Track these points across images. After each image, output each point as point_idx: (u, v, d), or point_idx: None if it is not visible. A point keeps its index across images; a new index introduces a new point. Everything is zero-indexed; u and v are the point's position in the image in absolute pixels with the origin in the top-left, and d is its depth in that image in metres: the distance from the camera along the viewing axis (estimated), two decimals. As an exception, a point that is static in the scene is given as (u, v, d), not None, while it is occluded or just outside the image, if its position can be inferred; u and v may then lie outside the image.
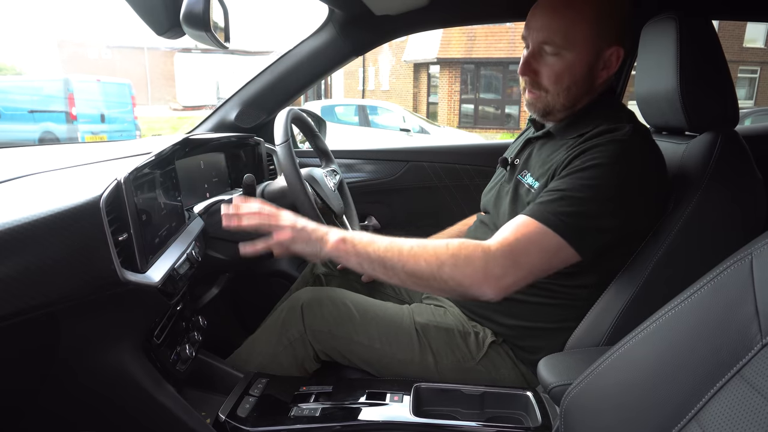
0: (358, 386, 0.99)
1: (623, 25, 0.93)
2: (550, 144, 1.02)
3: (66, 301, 0.65)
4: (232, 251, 1.13)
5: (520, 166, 1.06)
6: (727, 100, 0.94)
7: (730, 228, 0.91)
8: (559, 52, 0.91)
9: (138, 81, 14.16)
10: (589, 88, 0.96)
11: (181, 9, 0.76)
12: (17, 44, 22.96)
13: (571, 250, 0.83)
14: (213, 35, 0.81)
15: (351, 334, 1.04)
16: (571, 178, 0.86)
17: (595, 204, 0.83)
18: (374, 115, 9.48)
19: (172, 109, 16.71)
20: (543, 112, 0.99)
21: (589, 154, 0.87)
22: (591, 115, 0.97)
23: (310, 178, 1.13)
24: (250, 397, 0.96)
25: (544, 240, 0.82)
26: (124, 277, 0.69)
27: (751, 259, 0.57)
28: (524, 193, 0.99)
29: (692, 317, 0.61)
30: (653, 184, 0.89)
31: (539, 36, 0.92)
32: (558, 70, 0.92)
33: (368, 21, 1.37)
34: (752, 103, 13.99)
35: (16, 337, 0.64)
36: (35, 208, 0.64)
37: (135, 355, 0.79)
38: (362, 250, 0.86)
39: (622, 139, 0.87)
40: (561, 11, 0.90)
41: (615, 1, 0.92)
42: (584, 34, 0.90)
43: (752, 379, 0.51)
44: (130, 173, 0.77)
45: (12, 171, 0.79)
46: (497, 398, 0.96)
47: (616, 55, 0.93)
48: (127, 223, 0.73)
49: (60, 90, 7.94)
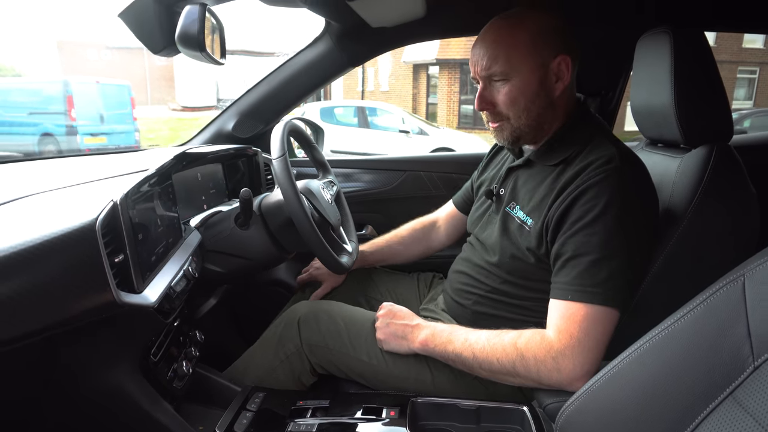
0: (354, 401, 0.99)
1: (560, 36, 0.95)
2: (533, 172, 1.03)
3: (62, 325, 0.64)
4: (230, 264, 1.14)
5: (507, 197, 1.06)
6: (721, 115, 0.94)
7: (724, 242, 0.91)
8: (506, 78, 0.94)
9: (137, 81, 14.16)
10: (548, 103, 0.97)
11: (176, 30, 0.76)
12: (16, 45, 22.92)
13: (617, 312, 0.86)
14: (208, 54, 0.81)
15: (347, 349, 1.05)
16: (583, 235, 0.86)
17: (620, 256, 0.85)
18: (373, 116, 9.47)
19: (172, 109, 16.72)
20: (513, 139, 1.01)
21: (587, 201, 0.87)
22: (567, 138, 0.98)
23: (306, 192, 1.13)
24: (247, 412, 0.96)
25: (597, 316, 0.84)
26: (121, 300, 0.69)
27: (743, 280, 0.57)
28: (516, 229, 1.00)
29: (685, 338, 0.61)
30: (652, 208, 0.91)
31: (483, 70, 0.96)
32: (511, 96, 0.95)
33: (364, 33, 1.38)
34: (751, 103, 13.99)
35: (11, 363, 0.64)
36: (31, 233, 0.64)
37: (132, 375, 0.79)
38: (442, 350, 0.95)
39: (614, 172, 0.87)
40: (497, 42, 0.94)
41: (543, 18, 0.95)
42: (523, 55, 0.93)
43: (744, 402, 0.51)
44: (126, 193, 0.77)
45: (9, 192, 0.79)
46: (493, 413, 0.97)
47: (565, 64, 0.95)
48: (123, 244, 0.73)
49: (59, 92, 7.94)
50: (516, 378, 0.88)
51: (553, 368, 0.84)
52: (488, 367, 0.89)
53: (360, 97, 14.07)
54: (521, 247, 0.98)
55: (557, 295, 0.89)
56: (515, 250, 0.99)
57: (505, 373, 0.88)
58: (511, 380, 0.89)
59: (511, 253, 1.00)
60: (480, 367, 0.90)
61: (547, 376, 0.85)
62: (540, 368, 0.84)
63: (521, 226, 0.99)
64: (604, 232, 0.85)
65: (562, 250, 0.89)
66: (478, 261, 1.10)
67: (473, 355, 0.90)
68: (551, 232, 0.91)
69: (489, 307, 1.05)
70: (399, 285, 1.39)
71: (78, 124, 7.98)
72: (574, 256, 0.87)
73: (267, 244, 1.13)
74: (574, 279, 0.86)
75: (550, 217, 0.91)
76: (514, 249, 1.00)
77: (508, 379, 0.90)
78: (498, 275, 1.04)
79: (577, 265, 0.86)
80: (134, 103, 8.84)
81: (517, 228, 1.00)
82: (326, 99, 13.91)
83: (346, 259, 1.14)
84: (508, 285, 1.03)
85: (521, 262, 0.99)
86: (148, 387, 0.83)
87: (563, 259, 0.88)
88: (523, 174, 1.05)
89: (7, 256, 0.60)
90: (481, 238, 1.12)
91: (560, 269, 0.89)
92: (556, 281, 0.90)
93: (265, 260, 1.17)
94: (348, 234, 1.32)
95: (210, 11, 0.82)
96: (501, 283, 1.04)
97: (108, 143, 8.30)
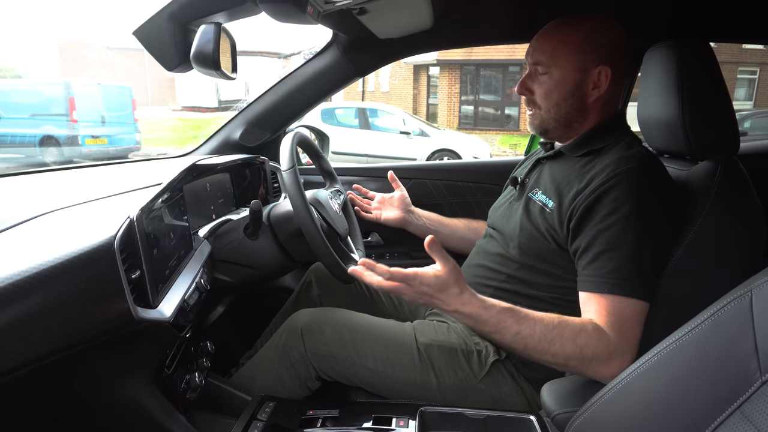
0: (364, 411, 1.00)
1: (610, 47, 0.99)
2: (559, 162, 1.07)
3: (81, 344, 0.65)
4: (240, 274, 1.15)
5: (531, 185, 1.10)
6: (727, 128, 0.95)
7: (730, 255, 0.92)
8: (548, 71, 1.01)
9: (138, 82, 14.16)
10: (580, 106, 1.01)
11: (192, 48, 0.77)
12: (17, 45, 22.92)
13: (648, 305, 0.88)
14: (222, 72, 0.82)
15: (352, 357, 1.06)
16: (617, 230, 0.88)
17: (650, 251, 0.87)
18: (374, 117, 9.47)
19: (172, 110, 16.72)
20: (540, 129, 1.07)
21: (620, 195, 0.89)
22: (598, 135, 1.02)
23: (315, 202, 1.14)
24: (258, 422, 0.97)
25: (641, 311, 0.87)
26: (138, 315, 0.70)
27: (750, 296, 0.58)
28: (536, 211, 1.03)
29: (693, 352, 0.62)
30: (676, 207, 0.93)
31: (532, 58, 1.04)
32: (547, 88, 1.02)
33: (372, 44, 1.39)
34: (752, 104, 13.98)
35: (31, 381, 0.65)
36: (49, 252, 0.65)
37: (147, 388, 0.80)
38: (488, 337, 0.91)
39: (646, 169, 0.91)
40: (550, 35, 1.02)
41: (601, 26, 1.00)
42: (568, 53, 0.99)
43: (752, 416, 0.53)
44: (142, 209, 0.78)
45: (24, 210, 0.80)
46: (501, 422, 0.98)
47: (605, 74, 0.99)
48: (139, 260, 0.74)
49: (61, 93, 7.97)
50: (563, 367, 0.88)
51: (605, 363, 0.85)
52: (539, 358, 0.87)
53: (360, 98, 14.06)
54: (541, 228, 1.00)
55: (593, 288, 0.89)
56: (534, 230, 1.02)
57: (555, 364, 0.88)
58: (557, 367, 0.89)
59: (529, 233, 1.03)
60: (529, 356, 0.88)
61: (595, 368, 0.86)
62: (593, 364, 0.85)
63: (542, 209, 1.01)
64: (638, 227, 0.87)
65: (593, 242, 0.90)
66: (494, 250, 1.12)
67: (525, 348, 0.87)
68: (576, 219, 0.93)
69: (505, 300, 1.06)
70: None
71: (79, 126, 7.99)
72: (607, 249, 0.88)
73: (276, 254, 1.15)
74: (611, 272, 0.87)
75: (577, 205, 0.93)
76: (533, 230, 1.02)
77: (554, 366, 0.89)
78: (514, 260, 1.06)
79: (612, 259, 0.88)
80: (135, 104, 8.85)
81: (539, 210, 1.02)
82: (327, 100, 13.88)
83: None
84: (524, 271, 1.04)
85: (539, 243, 1.01)
86: (163, 399, 0.84)
87: (595, 251, 0.90)
88: (551, 164, 1.09)
89: (27, 276, 0.61)
90: (500, 228, 1.14)
91: (591, 261, 0.90)
92: (589, 274, 0.91)
93: (274, 270, 1.19)
94: (355, 243, 1.33)
95: (224, 29, 0.84)
96: (517, 270, 1.05)
97: (109, 145, 8.31)
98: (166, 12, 0.85)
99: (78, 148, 8.01)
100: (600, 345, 0.85)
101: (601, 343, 0.85)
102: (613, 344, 0.85)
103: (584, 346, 0.85)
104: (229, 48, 0.94)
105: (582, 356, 0.85)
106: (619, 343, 0.85)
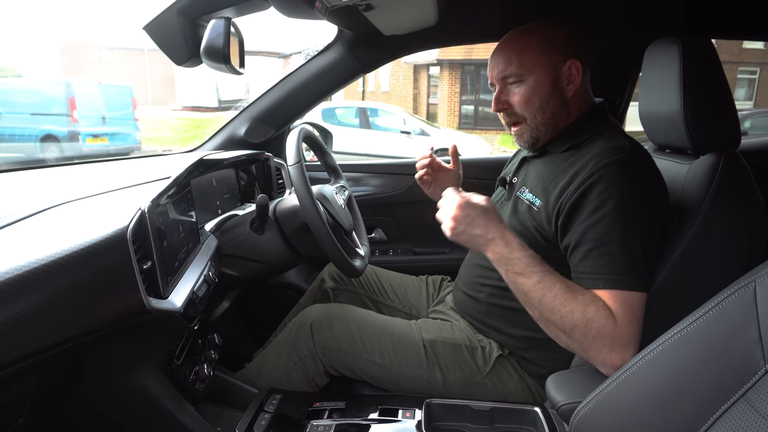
0: (370, 402, 1.01)
1: (570, 43, 1.00)
2: (544, 159, 1.06)
3: (95, 332, 0.66)
4: (246, 268, 1.16)
5: (518, 184, 1.10)
6: (729, 122, 0.96)
7: (733, 248, 0.93)
8: (520, 79, 1.00)
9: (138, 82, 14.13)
10: (562, 103, 1.01)
11: (202, 43, 0.78)
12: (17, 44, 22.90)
13: (643, 294, 0.87)
14: (231, 66, 0.83)
15: (360, 351, 1.07)
16: (604, 225, 0.88)
17: (639, 242, 0.87)
18: (375, 117, 9.47)
19: (172, 109, 16.71)
20: (532, 141, 1.05)
21: (604, 190, 0.88)
22: (578, 129, 1.02)
23: (321, 197, 1.15)
24: (265, 414, 0.99)
25: (640, 303, 0.86)
26: (150, 305, 0.71)
27: (754, 286, 0.59)
28: (524, 209, 1.03)
29: (697, 342, 0.63)
30: (664, 194, 0.94)
31: (499, 73, 1.03)
32: (525, 96, 1.01)
33: (377, 41, 1.40)
34: (752, 104, 13.98)
35: (44, 370, 0.66)
36: (63, 243, 0.66)
37: (157, 378, 0.81)
38: (512, 278, 0.89)
39: (627, 161, 0.90)
40: (510, 47, 1.02)
41: (553, 28, 1.01)
42: (536, 57, 0.99)
43: (756, 403, 0.54)
44: (152, 201, 0.79)
45: (36, 203, 0.81)
46: (506, 414, 0.99)
47: (575, 68, 1.00)
48: (150, 250, 0.75)
49: (61, 93, 7.96)
50: (566, 337, 0.87)
51: (608, 347, 0.84)
52: (548, 316, 0.87)
53: (361, 98, 14.06)
54: (529, 226, 1.00)
55: (588, 285, 0.89)
56: (523, 229, 1.02)
57: (560, 329, 0.86)
58: (561, 336, 0.88)
59: (518, 232, 1.02)
60: (540, 313, 0.88)
61: (598, 350, 0.84)
62: (596, 343, 0.84)
63: (530, 207, 1.02)
64: (625, 220, 0.87)
65: (582, 239, 0.90)
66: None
67: (540, 300, 0.87)
68: (564, 216, 0.92)
69: (503, 299, 1.07)
70: (408, 288, 1.42)
71: (80, 125, 7.99)
72: (597, 245, 0.88)
73: (282, 248, 1.16)
74: (603, 268, 0.87)
75: (563, 202, 0.93)
76: (522, 228, 1.02)
77: (558, 335, 0.88)
78: None
79: (603, 254, 0.87)
80: (135, 104, 8.86)
81: (527, 209, 1.03)
82: (327, 100, 13.87)
83: (359, 262, 1.16)
84: None
85: (529, 241, 1.00)
86: (172, 389, 0.85)
87: (586, 248, 0.89)
88: (536, 163, 1.09)
89: (43, 265, 0.62)
90: None
91: (583, 258, 0.90)
92: (582, 270, 0.90)
93: (280, 264, 1.20)
94: (360, 238, 1.34)
95: (233, 24, 0.84)
96: None
97: (109, 144, 8.32)
98: (176, 7, 0.86)
99: (79, 146, 8.01)
100: (607, 324, 0.84)
101: (608, 323, 0.84)
102: (617, 329, 0.84)
103: (591, 318, 0.84)
104: (238, 43, 0.94)
105: (587, 329, 0.84)
106: (623, 330, 0.85)
